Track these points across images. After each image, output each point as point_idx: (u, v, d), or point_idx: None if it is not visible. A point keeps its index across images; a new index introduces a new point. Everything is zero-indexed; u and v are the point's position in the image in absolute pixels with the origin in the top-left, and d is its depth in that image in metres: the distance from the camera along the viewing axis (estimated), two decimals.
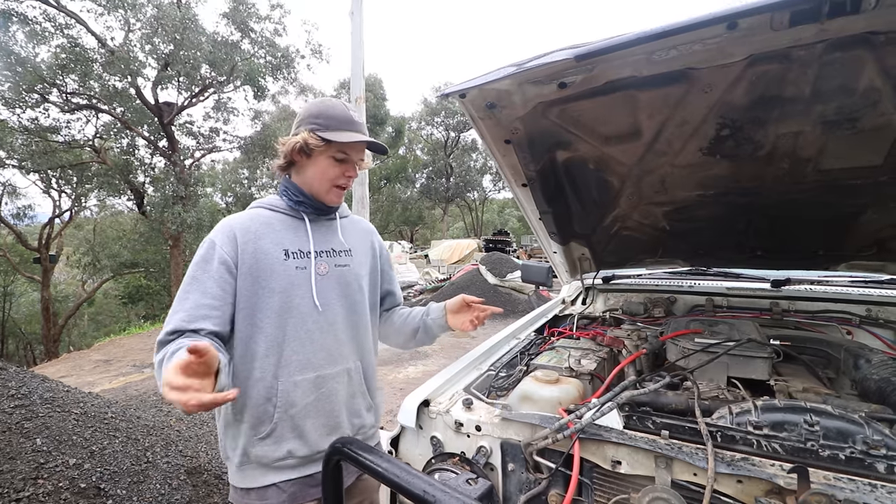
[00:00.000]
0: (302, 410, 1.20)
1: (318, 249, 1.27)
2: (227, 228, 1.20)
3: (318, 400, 1.23)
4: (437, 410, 1.25)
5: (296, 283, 1.21)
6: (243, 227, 1.21)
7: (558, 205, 1.78)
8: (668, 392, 1.20)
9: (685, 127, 1.32)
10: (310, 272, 1.23)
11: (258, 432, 1.18)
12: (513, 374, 1.48)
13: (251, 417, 1.18)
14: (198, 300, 1.10)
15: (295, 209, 1.28)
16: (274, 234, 1.22)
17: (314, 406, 1.22)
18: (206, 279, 1.13)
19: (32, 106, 13.07)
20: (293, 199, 1.27)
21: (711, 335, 1.57)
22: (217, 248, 1.15)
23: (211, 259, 1.14)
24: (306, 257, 1.24)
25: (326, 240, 1.31)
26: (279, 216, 1.26)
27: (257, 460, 1.18)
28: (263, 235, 1.21)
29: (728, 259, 1.97)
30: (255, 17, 14.79)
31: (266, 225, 1.23)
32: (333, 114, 1.23)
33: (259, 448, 1.18)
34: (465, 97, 1.29)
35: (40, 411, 2.40)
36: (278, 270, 1.19)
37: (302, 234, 1.26)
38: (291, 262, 1.21)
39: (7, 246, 18.67)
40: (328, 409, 1.24)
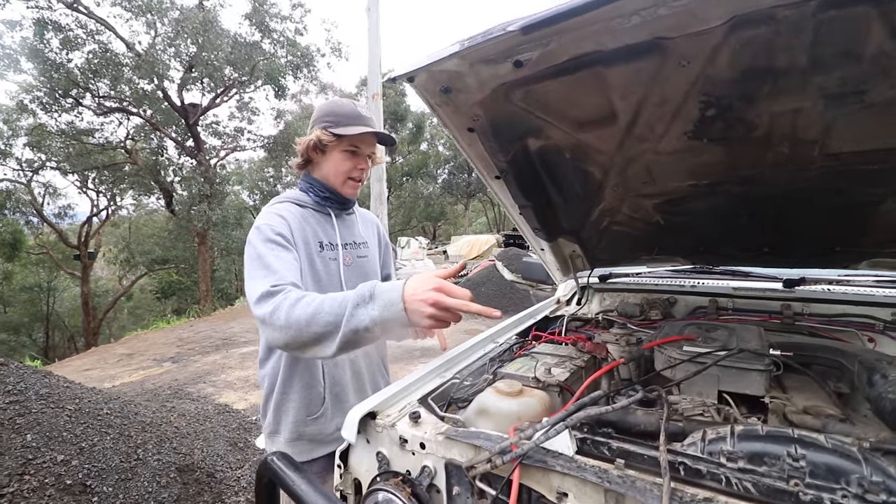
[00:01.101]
0: (344, 388, 1.37)
1: (344, 242, 1.40)
2: (277, 217, 1.28)
3: (354, 377, 1.41)
4: (383, 424, 1.14)
5: (329, 272, 1.33)
6: (290, 216, 1.30)
7: (538, 198, 1.63)
8: (639, 410, 1.05)
9: (665, 107, 1.16)
10: (339, 263, 1.37)
11: (311, 412, 1.32)
12: (477, 384, 1.36)
13: (303, 398, 1.32)
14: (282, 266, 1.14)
15: (322, 204, 1.39)
16: (310, 227, 1.33)
17: (352, 383, 1.40)
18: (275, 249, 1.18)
19: (68, 110, 13.68)
20: (320, 195, 1.39)
21: (705, 342, 1.41)
22: (275, 227, 1.23)
23: (273, 237, 1.21)
24: (335, 249, 1.37)
25: (349, 233, 1.45)
26: (309, 211, 1.37)
27: (310, 437, 1.33)
28: (304, 227, 1.32)
29: (731, 257, 1.78)
30: (277, 17, 14.99)
31: (302, 218, 1.34)
32: (342, 111, 1.32)
33: (313, 427, 1.33)
34: (413, 81, 1.17)
35: (34, 407, 2.43)
36: (317, 260, 1.31)
37: (330, 228, 1.39)
38: (326, 254, 1.34)
39: (50, 244, 19.67)
40: (361, 385, 1.43)
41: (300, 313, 0.98)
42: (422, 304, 0.92)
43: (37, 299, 21.62)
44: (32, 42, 11.71)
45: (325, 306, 0.97)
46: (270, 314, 1.01)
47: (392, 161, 27.70)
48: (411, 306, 0.93)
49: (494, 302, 9.94)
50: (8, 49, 11.69)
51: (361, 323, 0.93)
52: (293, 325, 0.98)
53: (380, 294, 0.96)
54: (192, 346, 7.57)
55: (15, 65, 11.89)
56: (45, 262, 20.34)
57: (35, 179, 16.73)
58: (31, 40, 11.71)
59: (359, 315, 0.95)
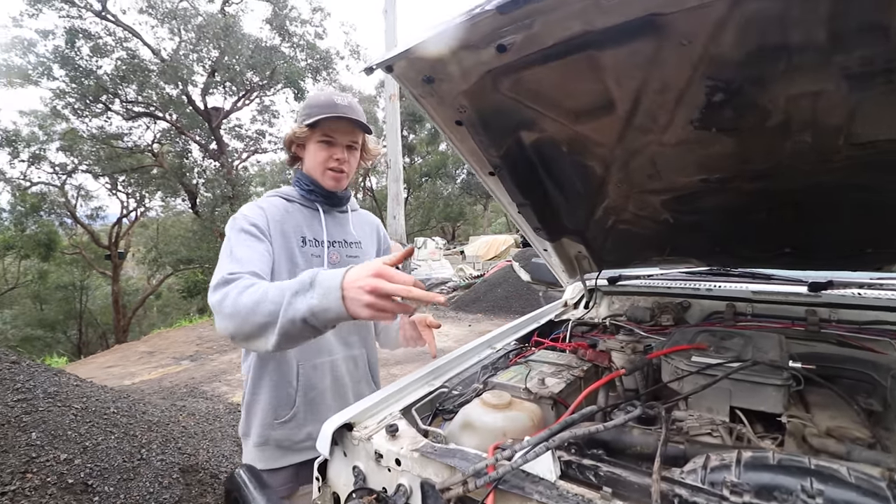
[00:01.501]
0: (320, 395, 1.30)
1: (331, 239, 1.36)
2: (255, 209, 1.26)
3: (333, 383, 1.34)
4: (359, 436, 1.07)
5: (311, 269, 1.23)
6: (269, 210, 1.27)
7: (536, 196, 1.54)
8: (636, 429, 0.95)
9: (667, 94, 1.05)
10: (323, 260, 1.31)
11: (279, 416, 1.26)
12: (465, 394, 1.27)
13: (272, 399, 1.26)
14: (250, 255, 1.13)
15: (309, 199, 1.36)
16: (293, 220, 1.30)
17: (330, 390, 1.33)
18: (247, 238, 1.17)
19: (98, 115, 14.17)
20: (305, 189, 1.36)
21: (717, 352, 1.29)
22: (249, 217, 1.22)
23: (246, 227, 1.19)
24: (320, 246, 1.32)
25: (339, 231, 1.40)
26: (295, 205, 1.34)
27: (277, 443, 1.27)
28: (285, 221, 1.28)
29: (750, 258, 1.65)
30: (297, 21, 15.19)
31: (286, 212, 1.30)
32: (317, 102, 1.30)
33: (280, 431, 1.26)
34: (393, 70, 1.10)
35: (41, 405, 2.46)
36: (297, 256, 1.27)
37: (316, 224, 1.35)
38: (308, 249, 1.30)
39: (83, 244, 20.41)
40: (341, 393, 1.36)
41: (245, 301, 0.92)
42: (359, 291, 0.82)
43: (71, 297, 22.44)
44: (64, 50, 12.16)
45: (269, 294, 0.90)
46: (220, 301, 0.97)
47: (411, 162, 27.76)
48: (350, 293, 0.83)
49: (509, 303, 9.80)
50: (42, 57, 12.17)
51: (298, 312, 0.86)
52: (239, 313, 0.92)
53: (321, 281, 0.87)
54: (211, 345, 7.69)
55: (48, 72, 12.36)
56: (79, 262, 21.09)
57: (68, 182, 17.38)
58: (63, 48, 12.15)
59: (296, 304, 0.87)
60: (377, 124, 23.12)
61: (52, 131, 15.31)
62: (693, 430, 1.06)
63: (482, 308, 9.92)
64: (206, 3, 14.12)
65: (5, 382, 2.43)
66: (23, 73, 12.09)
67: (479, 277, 12.67)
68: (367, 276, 0.83)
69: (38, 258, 17.53)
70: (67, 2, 11.60)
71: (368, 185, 28.55)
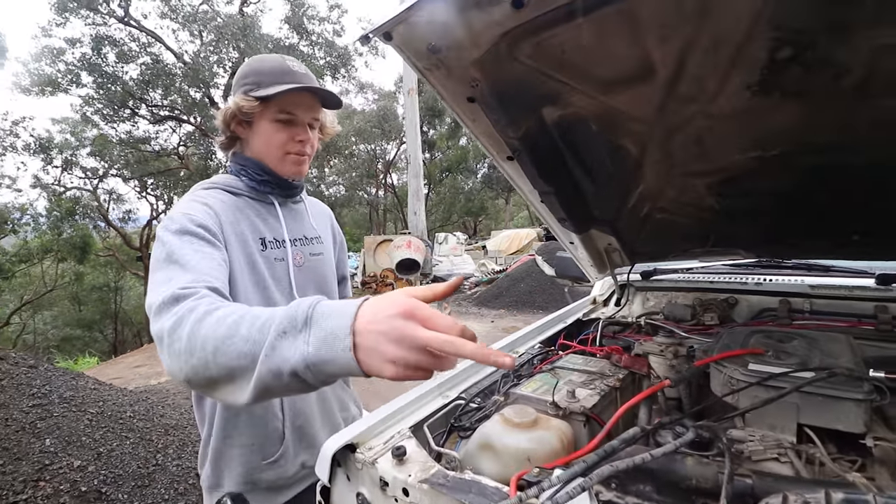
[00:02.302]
0: (308, 420, 1.12)
1: (292, 238, 1.14)
2: (199, 205, 0.98)
3: (321, 405, 1.17)
4: (363, 459, 0.94)
5: (276, 276, 1.08)
6: (217, 205, 1.01)
7: (561, 182, 1.37)
8: (689, 457, 0.79)
9: (720, 52, 0.88)
10: (287, 263, 1.10)
11: (267, 455, 1.06)
12: (484, 408, 1.13)
13: (255, 438, 1.05)
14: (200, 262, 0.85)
15: (260, 190, 1.11)
16: (246, 219, 1.06)
17: (319, 410, 1.16)
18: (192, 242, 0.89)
19: (125, 120, 14.54)
20: (256, 178, 1.09)
21: (777, 357, 1.10)
22: (194, 217, 0.94)
23: (188, 230, 0.91)
24: (282, 247, 1.11)
25: (298, 226, 1.18)
26: (245, 200, 1.09)
27: (269, 485, 1.08)
28: (239, 220, 1.04)
29: (809, 248, 1.44)
30: (315, 19, 15.21)
31: (237, 209, 1.06)
32: (264, 67, 1.05)
33: (271, 472, 1.07)
34: (392, 39, 0.95)
35: (56, 411, 2.44)
36: (259, 262, 1.05)
37: (273, 220, 1.12)
38: (270, 253, 1.08)
39: (116, 247, 21.11)
40: (328, 409, 1.19)
41: (208, 332, 0.63)
42: (382, 338, 0.53)
43: (106, 298, 23.30)
44: (91, 57, 12.49)
45: (244, 327, 0.61)
46: (170, 330, 0.67)
47: (431, 157, 27.63)
48: (366, 341, 0.54)
49: (533, 298, 9.58)
50: (70, 65, 12.53)
51: (287, 363, 0.56)
52: (197, 349, 0.63)
53: (321, 317, 0.57)
54: None
55: (76, 79, 12.72)
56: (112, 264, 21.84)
57: (100, 186, 17.95)
58: (90, 55, 12.48)
59: (283, 349, 0.57)
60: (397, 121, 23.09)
61: (83, 137, 15.80)
62: (757, 455, 0.89)
63: (505, 303, 9.73)
64: (224, 4, 14.30)
65: (22, 388, 2.41)
66: (53, 81, 12.48)
67: (501, 272, 12.47)
68: (395, 316, 0.54)
69: (75, 261, 18.18)
70: (92, 9, 11.89)
71: (389, 182, 28.60)
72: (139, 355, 7.98)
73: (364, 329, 0.55)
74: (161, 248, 0.87)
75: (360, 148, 24.74)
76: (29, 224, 17.18)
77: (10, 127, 14.21)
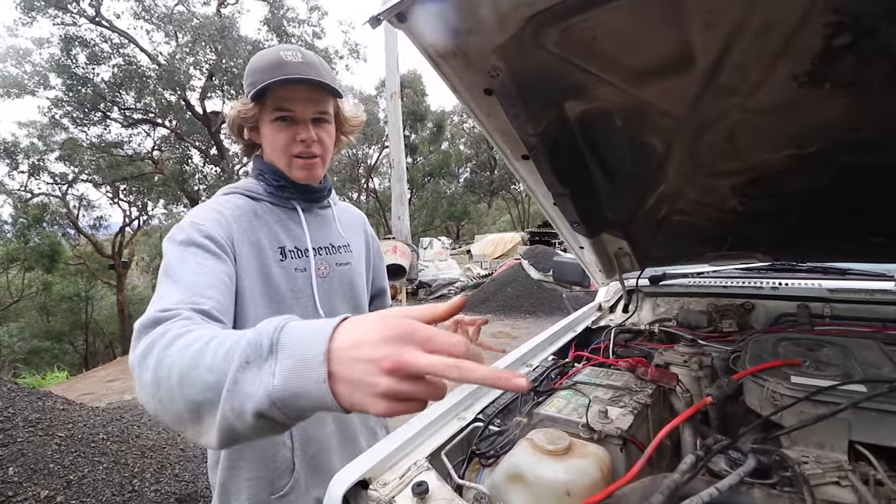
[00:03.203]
0: (324, 447, 1.03)
1: (317, 246, 1.06)
2: (212, 212, 0.91)
3: (338, 429, 1.07)
4: (378, 497, 0.82)
5: (296, 288, 0.99)
6: (235, 214, 0.93)
7: (578, 183, 1.29)
8: (755, 490, 0.70)
9: (769, 37, 0.80)
10: (310, 274, 1.02)
11: (276, 489, 0.97)
12: (507, 431, 1.02)
13: (262, 469, 0.96)
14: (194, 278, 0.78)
15: (280, 196, 1.04)
16: (266, 227, 0.99)
17: (336, 436, 1.06)
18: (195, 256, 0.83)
19: (96, 123, 14.02)
20: (274, 184, 1.02)
21: (817, 368, 1.03)
22: (204, 228, 0.87)
23: (193, 240, 0.85)
24: (304, 256, 1.03)
25: (323, 234, 1.10)
26: (265, 205, 1.02)
27: None
28: (257, 228, 0.97)
29: (833, 250, 1.39)
30: (295, 21, 14.99)
31: (256, 216, 0.99)
32: (259, 64, 0.95)
33: None
34: (406, 20, 0.85)
35: (20, 435, 2.23)
36: (275, 273, 0.96)
37: (296, 228, 1.04)
38: (290, 263, 0.99)
39: (86, 255, 20.33)
40: (349, 437, 1.09)
41: (174, 360, 0.54)
42: (370, 368, 0.43)
43: (76, 308, 22.36)
44: (60, 58, 11.99)
45: (208, 354, 0.51)
46: (140, 357, 0.59)
47: (413, 161, 27.52)
48: (347, 371, 0.44)
49: (520, 302, 9.54)
50: (37, 66, 12.01)
51: (250, 400, 0.46)
52: (163, 379, 0.54)
53: (289, 341, 0.47)
54: None
55: (44, 81, 12.20)
56: (83, 273, 21.02)
57: (69, 192, 17.26)
58: (59, 56, 11.99)
59: (246, 384, 0.47)
60: (378, 125, 22.92)
61: (52, 141, 15.17)
62: (815, 479, 0.81)
63: (492, 308, 9.66)
64: (201, 5, 13.95)
65: None
66: (19, 83, 11.94)
67: (487, 277, 12.42)
68: (387, 340, 0.44)
69: (43, 270, 17.45)
70: (61, 9, 11.43)
71: (371, 187, 28.37)
72: (112, 368, 7.61)
73: (344, 356, 0.44)
74: (163, 260, 0.82)
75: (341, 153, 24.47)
76: None
77: None
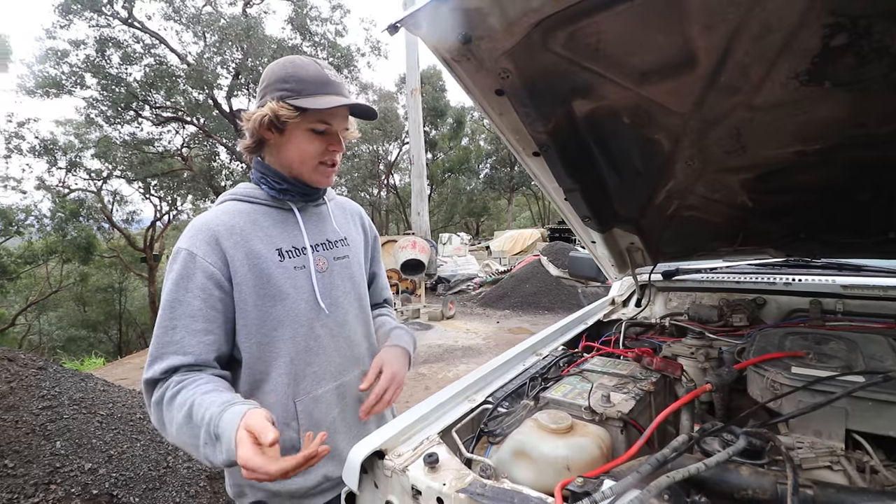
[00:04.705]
0: (329, 429, 1.09)
1: (314, 243, 1.12)
2: (205, 232, 0.99)
3: (344, 411, 1.13)
4: (392, 466, 0.90)
5: (297, 285, 1.06)
6: (227, 227, 1.00)
7: (587, 179, 1.33)
8: (742, 467, 0.74)
9: (768, 39, 0.83)
10: (309, 271, 1.08)
11: None
12: (514, 412, 1.08)
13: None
14: (188, 326, 0.95)
15: (279, 199, 1.10)
16: (262, 231, 1.05)
17: (341, 419, 1.12)
18: (190, 300, 0.96)
19: (129, 121, 14.54)
20: (276, 187, 1.08)
21: (819, 360, 1.06)
22: (198, 260, 0.97)
23: (192, 274, 0.96)
24: (302, 254, 1.08)
25: (319, 230, 1.15)
26: (262, 209, 1.08)
27: (290, 494, 1.07)
28: (252, 235, 1.03)
29: (842, 246, 1.40)
30: (318, 20, 15.20)
31: (251, 222, 1.05)
32: (304, 75, 1.01)
33: (290, 482, 1.04)
34: (421, 29, 0.91)
35: (66, 413, 2.40)
36: (276, 275, 1.03)
37: (292, 228, 1.10)
38: (288, 263, 1.06)
39: (120, 248, 21.14)
40: (354, 419, 1.15)
41: (170, 419, 0.89)
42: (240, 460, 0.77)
43: (111, 299, 23.31)
44: (95, 59, 12.48)
45: (186, 426, 0.86)
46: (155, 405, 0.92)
47: (433, 158, 27.61)
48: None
49: (538, 299, 9.53)
50: (74, 66, 12.52)
51: (217, 462, 0.82)
52: (166, 424, 0.90)
53: (223, 432, 0.80)
54: None
55: (81, 81, 12.71)
56: (117, 265, 21.87)
57: (104, 188, 17.96)
58: (94, 57, 12.47)
59: (210, 456, 0.83)
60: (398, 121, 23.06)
61: (87, 139, 15.80)
62: (808, 463, 0.85)
63: (510, 304, 9.68)
64: (228, 6, 14.29)
65: (31, 390, 2.38)
66: (57, 83, 12.46)
67: (505, 273, 12.42)
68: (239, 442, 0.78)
69: (79, 262, 18.21)
70: (96, 11, 11.88)
71: (391, 183, 28.59)
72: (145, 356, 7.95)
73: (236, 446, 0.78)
74: (165, 290, 0.97)
75: (361, 149, 24.73)
76: (33, 225, 17.21)
77: (16, 129, 14.24)
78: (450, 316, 8.95)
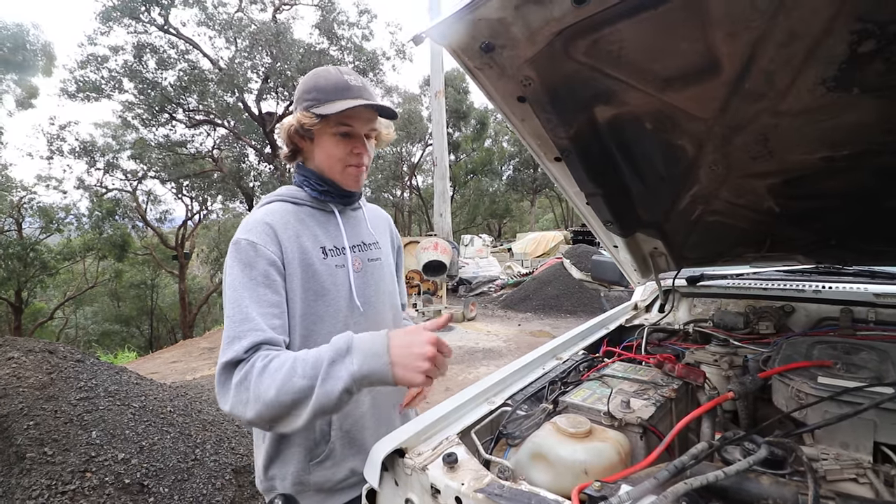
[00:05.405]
0: (358, 423, 1.14)
1: (351, 244, 1.19)
2: (262, 225, 1.05)
3: (373, 407, 1.18)
4: (412, 465, 0.92)
5: (336, 283, 1.12)
6: (281, 222, 1.08)
7: (609, 184, 1.33)
8: (763, 477, 0.74)
9: (794, 46, 0.83)
10: (347, 269, 1.15)
11: (314, 455, 1.11)
12: (533, 415, 1.10)
13: (304, 440, 1.10)
14: (259, 309, 0.98)
15: (322, 200, 1.17)
16: (308, 230, 1.12)
17: (370, 414, 1.17)
18: (255, 286, 1.00)
19: (163, 124, 15.09)
20: (318, 189, 1.16)
21: (847, 371, 1.03)
22: (259, 248, 1.02)
23: (255, 263, 1.01)
24: (342, 254, 1.15)
25: (356, 233, 1.23)
26: (307, 209, 1.15)
27: (317, 487, 1.11)
28: (301, 232, 1.10)
29: (875, 253, 1.36)
30: (345, 24, 15.45)
31: (299, 220, 1.12)
32: (325, 84, 1.08)
33: (318, 473, 1.10)
34: (445, 39, 0.94)
35: (101, 404, 2.53)
36: (320, 271, 1.09)
37: (333, 229, 1.17)
38: (331, 261, 1.12)
39: (153, 246, 21.94)
40: (383, 417, 1.20)
41: (269, 382, 0.85)
42: (418, 358, 0.85)
43: (143, 295, 24.23)
44: (133, 64, 13.02)
45: (298, 369, 0.85)
46: (237, 384, 0.88)
47: (456, 159, 27.66)
48: (404, 360, 0.85)
49: (560, 302, 9.44)
50: (113, 71, 13.09)
51: (339, 382, 0.84)
52: (261, 398, 0.85)
53: (358, 346, 0.86)
54: None
55: (119, 85, 13.28)
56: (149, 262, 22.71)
57: (139, 188, 18.69)
58: (132, 62, 13.01)
59: (335, 373, 0.84)
60: (422, 123, 23.21)
61: (124, 141, 16.48)
62: (833, 475, 0.83)
63: (532, 307, 9.62)
64: (258, 12, 14.68)
65: (70, 381, 2.51)
66: (97, 87, 13.04)
67: (527, 275, 12.34)
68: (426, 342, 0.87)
69: (114, 259, 18.97)
70: (134, 18, 12.39)
71: (414, 184, 28.77)
72: (175, 351, 8.25)
73: (400, 351, 0.87)
74: (231, 284, 0.99)
75: (385, 150, 24.98)
76: (72, 223, 18.06)
77: (58, 131, 14.97)
78: (471, 318, 8.95)
